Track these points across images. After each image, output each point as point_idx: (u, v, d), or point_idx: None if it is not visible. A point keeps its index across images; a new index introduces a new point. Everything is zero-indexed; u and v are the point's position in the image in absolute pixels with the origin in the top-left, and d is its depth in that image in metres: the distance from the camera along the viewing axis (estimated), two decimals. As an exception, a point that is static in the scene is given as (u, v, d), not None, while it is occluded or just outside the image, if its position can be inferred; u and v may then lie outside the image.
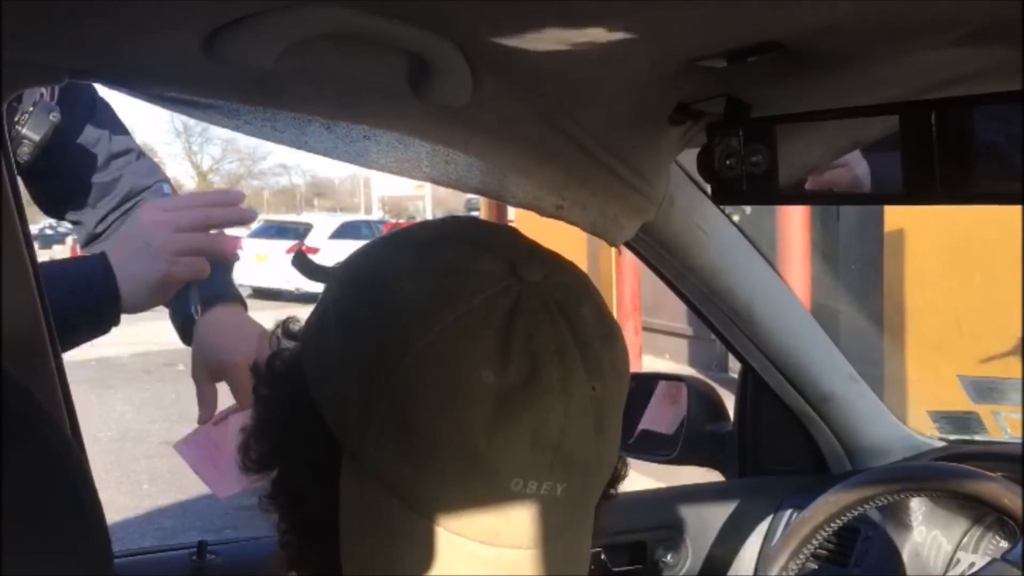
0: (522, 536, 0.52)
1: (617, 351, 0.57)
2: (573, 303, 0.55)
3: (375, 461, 0.52)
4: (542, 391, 0.51)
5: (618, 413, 0.57)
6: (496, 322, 0.52)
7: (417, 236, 0.60)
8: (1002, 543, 1.25)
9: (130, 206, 1.51)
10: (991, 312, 4.91)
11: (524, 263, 0.55)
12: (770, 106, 0.84)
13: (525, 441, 0.51)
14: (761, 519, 1.48)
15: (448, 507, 0.51)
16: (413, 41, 0.71)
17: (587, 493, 0.56)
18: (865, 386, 1.49)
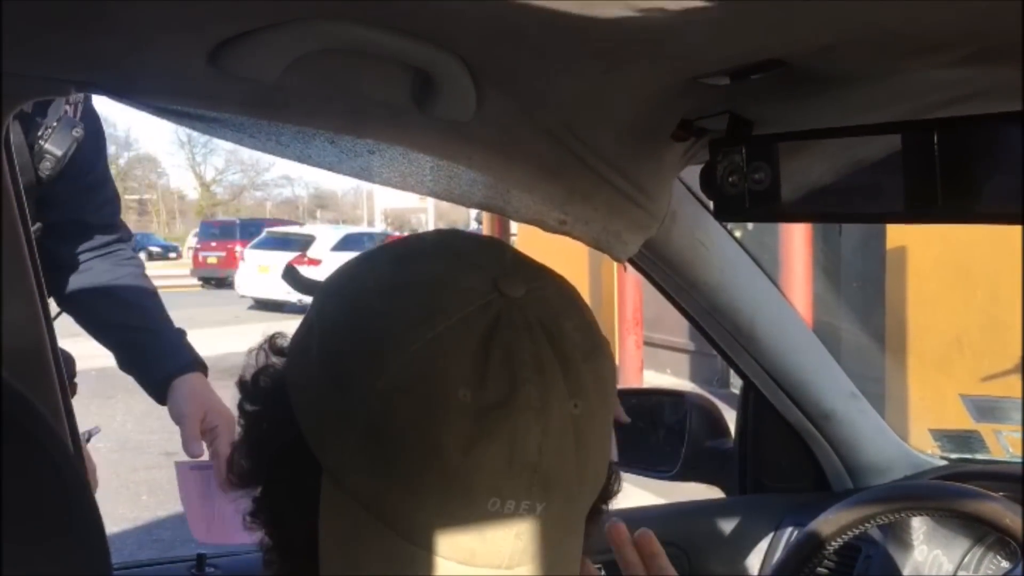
0: (500, 556, 0.51)
1: (602, 366, 0.56)
2: (556, 318, 0.54)
3: (352, 480, 0.52)
4: (519, 410, 0.50)
5: (602, 429, 0.55)
6: (474, 339, 0.51)
7: (400, 251, 0.60)
8: (1003, 563, 1.25)
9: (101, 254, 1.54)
10: (992, 330, 4.90)
11: (506, 278, 0.54)
12: (773, 124, 0.85)
13: (502, 460, 0.50)
14: (762, 536, 1.47)
15: (424, 527, 0.51)
16: (417, 56, 0.72)
17: (569, 512, 0.55)
18: (866, 404, 1.49)
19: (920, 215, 0.70)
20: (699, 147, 0.96)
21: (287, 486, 0.56)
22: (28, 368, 0.79)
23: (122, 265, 1.56)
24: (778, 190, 0.81)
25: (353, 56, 0.72)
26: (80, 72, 0.74)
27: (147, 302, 1.55)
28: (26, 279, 0.79)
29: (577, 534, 0.57)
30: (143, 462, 5.86)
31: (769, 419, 1.51)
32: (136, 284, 1.56)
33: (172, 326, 1.54)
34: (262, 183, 54.19)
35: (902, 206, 0.71)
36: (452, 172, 0.91)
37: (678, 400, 1.57)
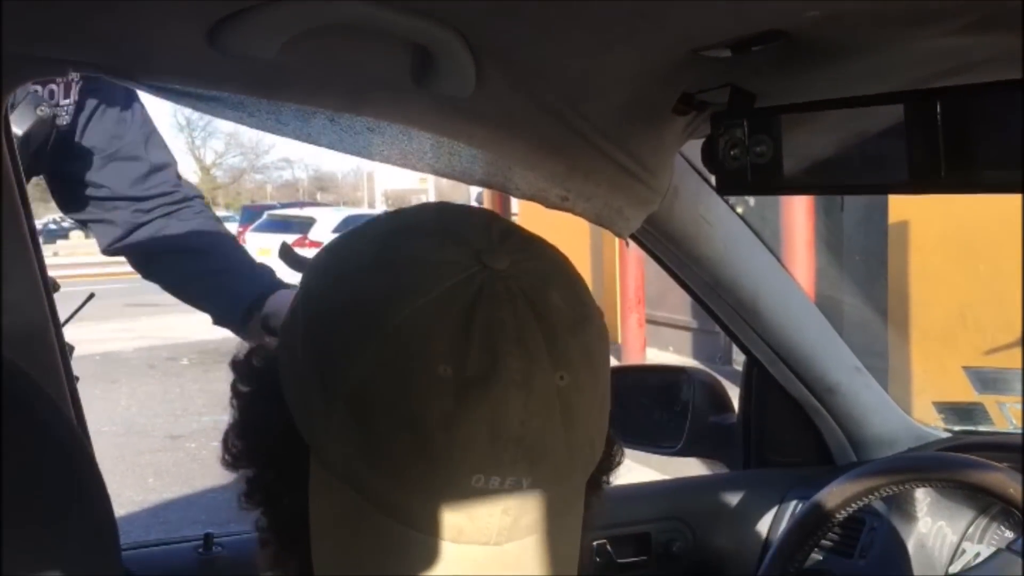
0: (488, 532, 0.51)
1: (590, 337, 0.55)
2: (541, 289, 0.53)
3: (338, 459, 0.52)
4: (501, 384, 0.49)
5: (593, 401, 0.54)
6: (456, 314, 0.50)
7: (385, 226, 0.59)
8: (1007, 533, 1.25)
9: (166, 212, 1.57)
10: (995, 304, 4.90)
11: (491, 250, 0.53)
12: (774, 96, 0.84)
13: (484, 436, 0.49)
14: (766, 510, 1.48)
15: (410, 505, 0.50)
16: (416, 32, 0.71)
17: (560, 486, 0.53)
18: (870, 377, 1.49)
19: (923, 185, 0.70)
20: (700, 121, 0.95)
21: (278, 467, 0.55)
22: (30, 349, 0.79)
23: (192, 220, 1.60)
24: (780, 163, 0.81)
25: (351, 33, 0.71)
26: (78, 52, 0.73)
27: (215, 246, 1.61)
28: (27, 260, 0.79)
29: (573, 509, 0.56)
30: (148, 445, 5.89)
31: (773, 393, 1.52)
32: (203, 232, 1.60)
33: (249, 260, 1.61)
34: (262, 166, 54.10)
35: (905, 176, 0.70)
36: (453, 149, 0.90)
37: (681, 376, 1.57)
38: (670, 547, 1.46)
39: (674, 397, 1.56)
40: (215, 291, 1.57)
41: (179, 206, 1.60)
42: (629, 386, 1.65)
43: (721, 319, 1.44)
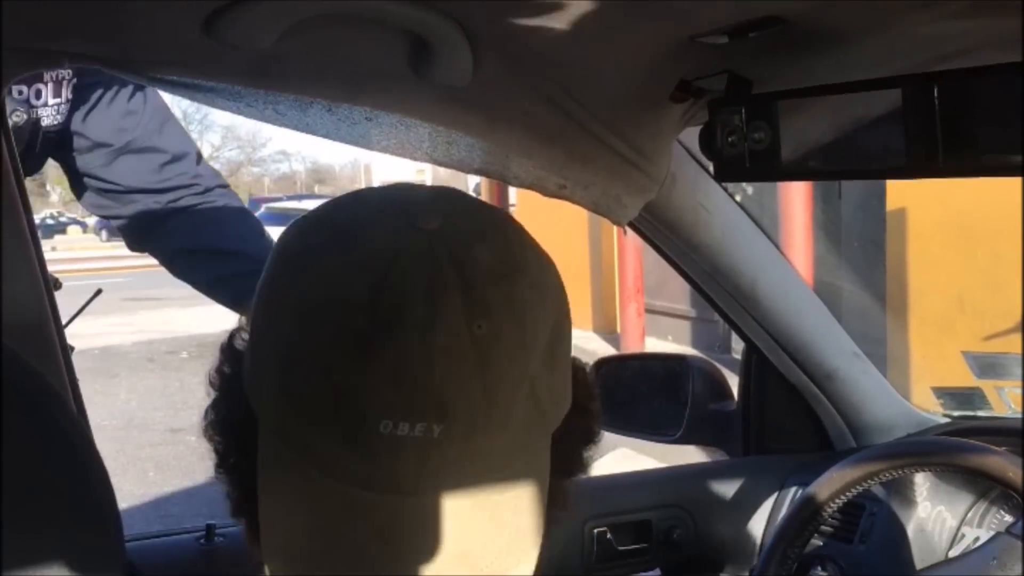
0: (401, 481, 0.51)
1: (519, 288, 0.54)
2: (467, 244, 0.53)
3: (269, 414, 0.54)
4: (404, 330, 0.50)
5: (522, 352, 0.53)
6: (374, 269, 0.51)
7: (337, 201, 0.61)
8: (1007, 517, 1.26)
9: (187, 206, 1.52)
10: (994, 289, 4.90)
11: (424, 213, 0.54)
12: (772, 82, 0.84)
13: (388, 380, 0.50)
14: (766, 497, 1.48)
15: (326, 453, 0.51)
16: (414, 21, 0.71)
17: (485, 438, 0.52)
18: (869, 364, 1.49)
19: (921, 169, 0.70)
20: (698, 108, 0.95)
21: (236, 435, 0.57)
22: (31, 343, 0.79)
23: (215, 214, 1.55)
24: (778, 149, 0.81)
25: (348, 23, 0.71)
26: (73, 44, 0.73)
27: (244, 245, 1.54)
28: (27, 254, 0.79)
29: (517, 470, 0.54)
30: (149, 439, 5.89)
31: (772, 380, 1.52)
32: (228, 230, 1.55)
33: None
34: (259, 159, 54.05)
35: (903, 161, 0.70)
36: (450, 138, 0.90)
37: (680, 364, 1.57)
38: (671, 534, 1.46)
39: (673, 385, 1.56)
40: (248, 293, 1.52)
41: (201, 199, 1.54)
42: (629, 375, 1.65)
43: (720, 307, 1.44)
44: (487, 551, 0.53)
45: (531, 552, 0.54)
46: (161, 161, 1.51)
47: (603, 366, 1.64)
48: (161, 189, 1.51)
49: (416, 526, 0.52)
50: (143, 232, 1.54)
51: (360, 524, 0.51)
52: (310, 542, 0.52)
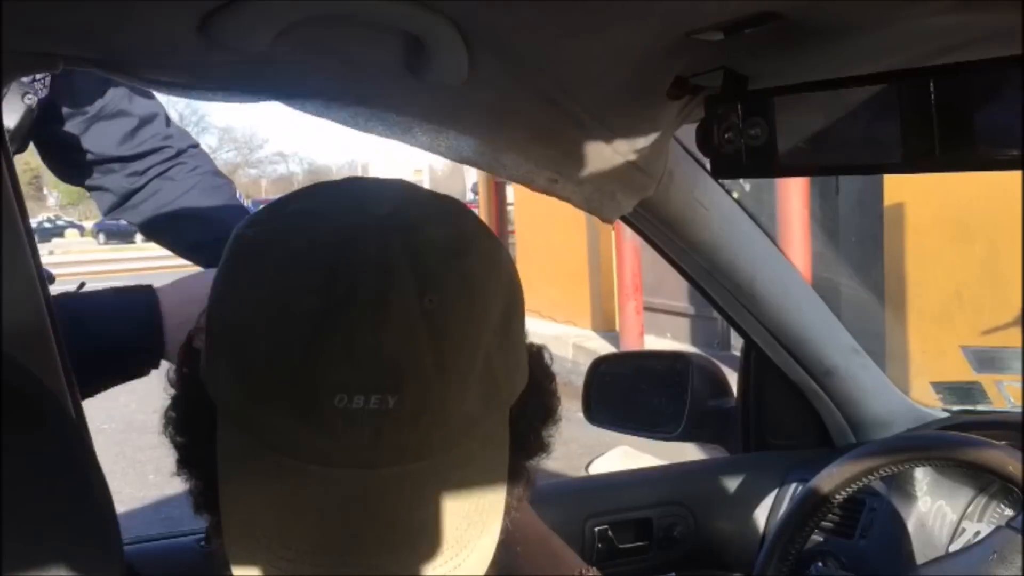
0: (357, 455, 0.52)
1: (469, 264, 0.55)
2: (415, 226, 0.55)
3: (227, 402, 0.54)
4: (356, 305, 0.51)
5: (473, 325, 0.54)
6: (325, 253, 0.53)
7: (291, 194, 0.62)
8: (1007, 511, 1.26)
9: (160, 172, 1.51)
10: (992, 284, 4.91)
11: (376, 200, 0.56)
12: (768, 78, 0.84)
13: (341, 352, 0.51)
14: (766, 493, 1.49)
15: (282, 432, 0.52)
16: (408, 20, 0.71)
17: (439, 410, 0.53)
18: (868, 359, 1.49)
19: (918, 164, 0.70)
20: (694, 105, 0.95)
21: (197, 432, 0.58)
22: (28, 346, 0.79)
23: (187, 178, 1.51)
24: (775, 145, 0.81)
25: (343, 23, 0.71)
26: (68, 47, 0.73)
27: (222, 211, 1.51)
28: (23, 257, 0.79)
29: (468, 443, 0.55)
30: (148, 441, 5.88)
31: (771, 377, 1.52)
32: (206, 195, 1.51)
33: None
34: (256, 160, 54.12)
35: (900, 156, 0.70)
36: (441, 129, 0.90)
37: (679, 361, 1.57)
38: (671, 532, 1.46)
39: (673, 383, 1.56)
40: None
41: (172, 163, 1.51)
42: (628, 373, 1.65)
43: (718, 303, 1.44)
44: (448, 523, 0.53)
45: (493, 525, 0.55)
46: (132, 125, 1.48)
47: (602, 364, 1.64)
48: (134, 156, 1.49)
49: (376, 500, 0.52)
50: (120, 200, 1.53)
51: (320, 500, 0.52)
52: (272, 523, 0.52)
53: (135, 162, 1.50)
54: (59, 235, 37.15)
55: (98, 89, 1.44)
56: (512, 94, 0.86)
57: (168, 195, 1.51)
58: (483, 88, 0.83)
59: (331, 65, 0.78)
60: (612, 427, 1.61)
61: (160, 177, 1.51)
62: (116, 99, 1.47)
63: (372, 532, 0.52)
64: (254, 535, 0.53)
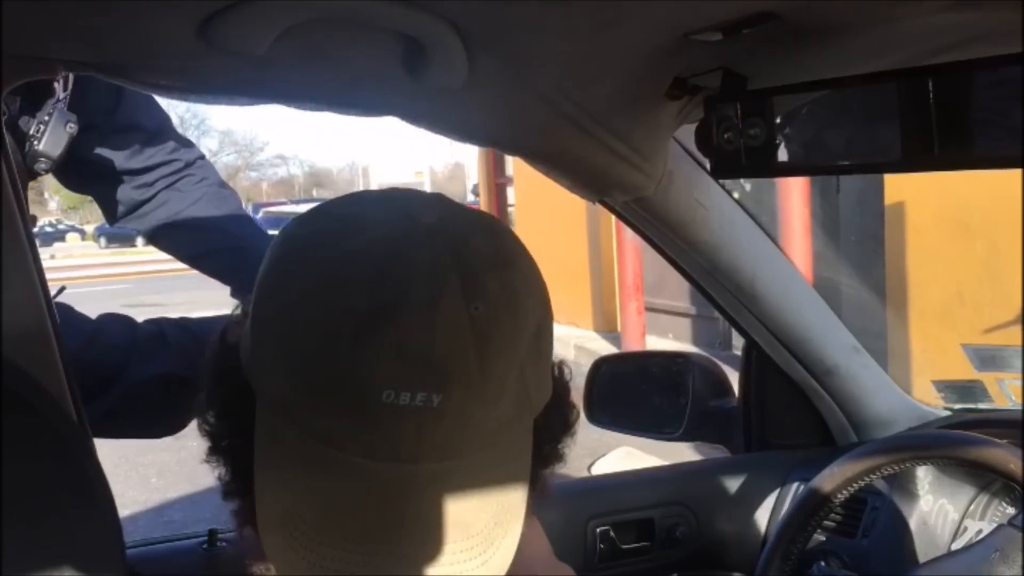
0: (401, 449, 0.54)
1: (512, 277, 0.58)
2: (463, 236, 0.57)
3: (269, 391, 0.56)
4: (409, 306, 0.53)
5: (514, 334, 0.57)
6: (376, 256, 0.55)
7: (337, 199, 0.64)
8: (1009, 509, 1.26)
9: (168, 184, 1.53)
10: (993, 282, 4.91)
11: (422, 210, 0.58)
12: (767, 78, 0.84)
13: (392, 351, 0.53)
14: (768, 493, 1.48)
15: (330, 425, 0.54)
16: (407, 23, 0.71)
17: (480, 409, 0.55)
18: (869, 358, 1.49)
19: (917, 163, 0.70)
20: (694, 105, 0.95)
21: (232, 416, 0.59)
22: (30, 350, 0.79)
23: (194, 190, 1.54)
24: (774, 145, 0.81)
25: (343, 26, 0.71)
26: (69, 51, 0.73)
27: (227, 222, 1.54)
28: (25, 261, 0.79)
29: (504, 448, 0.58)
30: (150, 445, 5.87)
31: (772, 377, 1.52)
32: (212, 206, 1.54)
33: (264, 236, 1.55)
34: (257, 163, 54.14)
35: (899, 155, 0.70)
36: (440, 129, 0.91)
37: (681, 361, 1.57)
38: (673, 532, 1.46)
39: (674, 383, 1.56)
40: (233, 268, 1.53)
41: (179, 175, 1.53)
42: (630, 373, 1.65)
43: (719, 303, 1.44)
44: (478, 519, 0.56)
45: (516, 526, 0.57)
46: (142, 139, 1.50)
47: (604, 365, 1.64)
48: (144, 168, 1.51)
49: (414, 493, 0.54)
50: (128, 210, 1.54)
51: (360, 491, 0.54)
52: (311, 511, 0.54)
53: (144, 174, 1.52)
54: (60, 239, 37.16)
55: (109, 103, 1.46)
56: (511, 95, 0.86)
57: (176, 206, 1.53)
58: (482, 90, 0.83)
59: (330, 69, 0.78)
60: (614, 428, 1.61)
61: (168, 188, 1.54)
62: (127, 112, 1.48)
63: (409, 524, 0.54)
64: (292, 522, 0.54)
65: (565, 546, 1.37)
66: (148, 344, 1.39)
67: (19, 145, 1.30)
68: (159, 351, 1.39)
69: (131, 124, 1.49)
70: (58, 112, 1.30)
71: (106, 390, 1.35)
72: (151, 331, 1.41)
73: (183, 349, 1.39)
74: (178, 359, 1.38)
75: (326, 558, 0.53)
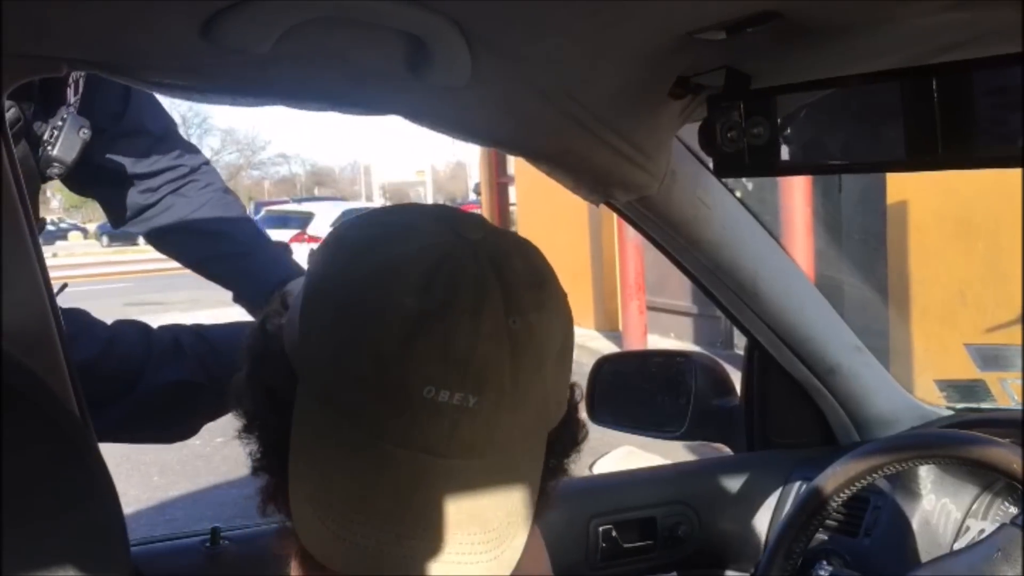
0: (435, 443, 0.58)
1: (545, 296, 0.62)
2: (505, 254, 0.62)
3: (314, 376, 0.60)
4: (454, 312, 0.57)
5: (544, 350, 0.61)
6: (425, 262, 0.59)
7: (386, 208, 0.68)
8: (1011, 509, 1.26)
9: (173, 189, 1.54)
10: (995, 281, 4.90)
11: (466, 226, 0.62)
12: (770, 77, 0.84)
13: (436, 352, 0.57)
14: (770, 492, 1.48)
15: (370, 413, 0.58)
16: (411, 22, 0.71)
17: (510, 414, 0.59)
18: (871, 357, 1.49)
19: (920, 162, 0.70)
20: (697, 104, 0.95)
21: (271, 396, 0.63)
22: (33, 348, 0.79)
23: (199, 195, 1.56)
24: (777, 144, 0.81)
25: (346, 25, 0.71)
26: (72, 49, 0.73)
27: (232, 227, 1.56)
28: (28, 259, 0.79)
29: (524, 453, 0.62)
30: (153, 443, 5.88)
31: (774, 375, 1.52)
32: (217, 212, 1.55)
33: (268, 242, 1.57)
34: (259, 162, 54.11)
35: (902, 154, 0.70)
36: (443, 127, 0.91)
37: (682, 360, 1.57)
38: (676, 531, 1.46)
39: (676, 382, 1.56)
40: (237, 274, 1.54)
41: (184, 180, 1.55)
42: (631, 372, 1.65)
43: (721, 302, 1.44)
44: (495, 516, 0.60)
45: (524, 528, 0.61)
46: (149, 143, 1.51)
47: (605, 364, 1.64)
48: (150, 173, 1.52)
49: (441, 485, 0.58)
50: (133, 214, 1.55)
51: (391, 477, 0.58)
52: (345, 492, 0.58)
53: (150, 179, 1.53)
54: (62, 238, 37.18)
55: (117, 107, 1.47)
56: (514, 94, 0.86)
57: (181, 211, 1.55)
58: (485, 89, 0.83)
59: (333, 68, 0.78)
60: (615, 427, 1.61)
61: (174, 194, 1.55)
62: (134, 117, 1.49)
63: (434, 511, 0.58)
64: (323, 496, 0.58)
65: (567, 545, 1.37)
66: (163, 351, 1.41)
67: (32, 150, 1.30)
68: (174, 359, 1.41)
69: (138, 129, 1.50)
70: (72, 117, 1.31)
71: (123, 396, 1.36)
72: (166, 338, 1.43)
73: (199, 357, 1.40)
74: (194, 367, 1.39)
75: (353, 532, 0.57)
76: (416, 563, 0.57)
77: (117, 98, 1.46)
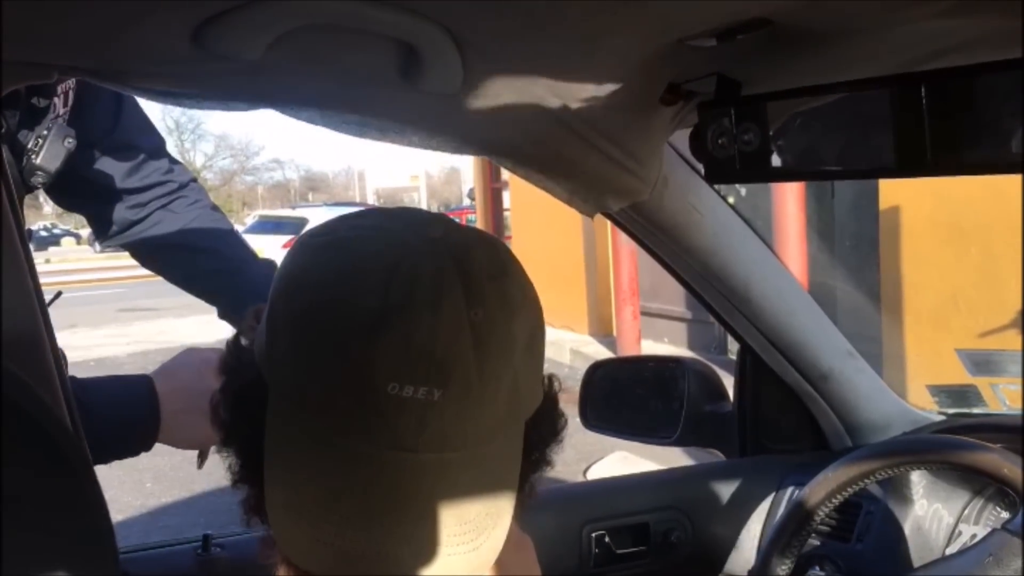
0: (403, 438, 0.58)
1: (508, 287, 0.63)
2: (464, 247, 0.62)
3: (281, 380, 0.61)
4: (415, 308, 0.58)
5: (509, 339, 0.61)
6: (387, 259, 0.60)
7: (349, 214, 0.68)
8: (1003, 513, 1.26)
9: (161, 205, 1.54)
10: (988, 287, 4.92)
11: (427, 225, 0.64)
12: (761, 83, 0.84)
13: (398, 348, 0.57)
14: (763, 497, 1.49)
15: (337, 413, 0.58)
16: (402, 29, 0.71)
17: (476, 408, 0.60)
18: (863, 363, 1.50)
19: (910, 169, 0.70)
20: (688, 110, 0.96)
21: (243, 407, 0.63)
22: (23, 355, 0.79)
23: (187, 212, 1.56)
24: (768, 150, 0.81)
25: (337, 32, 0.71)
26: (62, 56, 0.73)
27: (219, 243, 1.56)
28: (19, 266, 0.79)
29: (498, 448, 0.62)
30: (146, 450, 5.86)
31: (767, 381, 1.52)
32: (204, 228, 1.55)
33: (254, 259, 1.57)
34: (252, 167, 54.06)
35: (892, 161, 0.71)
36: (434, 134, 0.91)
37: (675, 366, 1.57)
38: (668, 537, 1.46)
39: (669, 387, 1.56)
40: (224, 290, 1.54)
41: (173, 196, 1.55)
42: (624, 378, 1.65)
43: (713, 308, 1.44)
44: (472, 509, 0.60)
45: (505, 520, 0.62)
46: (138, 159, 1.51)
47: (599, 369, 1.64)
48: (139, 188, 1.52)
49: (413, 480, 0.59)
50: (120, 229, 1.55)
51: (362, 476, 0.58)
52: (318, 494, 0.59)
53: (139, 194, 1.53)
54: (55, 243, 37.10)
55: (108, 122, 1.47)
56: (505, 101, 0.86)
57: (169, 227, 1.55)
58: (477, 95, 0.83)
59: (325, 74, 0.78)
60: (609, 432, 1.61)
61: (162, 209, 1.55)
62: (125, 132, 1.49)
63: (408, 507, 0.59)
64: (299, 501, 0.59)
65: (560, 551, 1.37)
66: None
67: (16, 159, 1.30)
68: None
69: (128, 143, 1.50)
70: (57, 127, 1.31)
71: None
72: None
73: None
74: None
75: (329, 534, 0.57)
76: (392, 561, 0.57)
77: (108, 113, 1.46)
